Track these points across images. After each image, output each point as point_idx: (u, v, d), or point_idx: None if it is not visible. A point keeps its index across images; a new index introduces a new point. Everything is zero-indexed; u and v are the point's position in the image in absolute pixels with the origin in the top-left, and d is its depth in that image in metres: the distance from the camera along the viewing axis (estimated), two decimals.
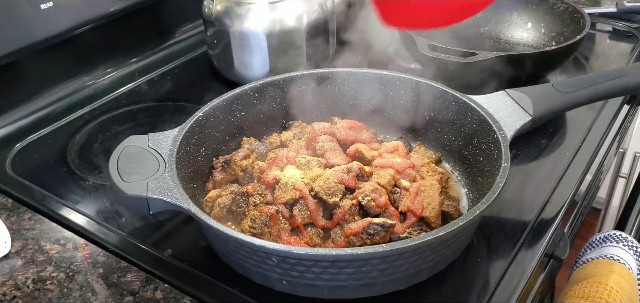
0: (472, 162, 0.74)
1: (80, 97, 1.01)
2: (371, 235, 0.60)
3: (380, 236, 0.60)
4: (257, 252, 0.57)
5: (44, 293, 0.62)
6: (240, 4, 0.96)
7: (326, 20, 1.02)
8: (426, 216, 0.64)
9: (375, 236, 0.60)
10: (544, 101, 0.74)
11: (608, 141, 0.88)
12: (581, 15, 1.01)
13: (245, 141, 0.78)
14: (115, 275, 0.64)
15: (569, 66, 1.07)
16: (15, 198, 0.76)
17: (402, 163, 0.70)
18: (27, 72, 0.94)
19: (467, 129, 0.75)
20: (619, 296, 0.75)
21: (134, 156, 0.65)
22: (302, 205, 0.65)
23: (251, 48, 0.97)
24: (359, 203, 0.64)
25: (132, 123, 0.95)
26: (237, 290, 0.62)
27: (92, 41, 1.02)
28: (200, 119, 0.73)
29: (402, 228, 0.63)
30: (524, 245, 0.67)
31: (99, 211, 0.74)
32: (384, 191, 0.65)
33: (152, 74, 1.09)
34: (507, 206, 0.72)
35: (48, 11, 0.91)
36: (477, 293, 0.61)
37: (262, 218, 0.62)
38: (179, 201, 0.59)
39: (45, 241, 0.69)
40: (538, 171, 0.80)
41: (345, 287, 0.58)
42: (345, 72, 0.83)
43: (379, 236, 0.60)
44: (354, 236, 0.61)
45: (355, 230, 0.61)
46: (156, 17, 1.15)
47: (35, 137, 0.91)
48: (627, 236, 0.87)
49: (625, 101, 0.96)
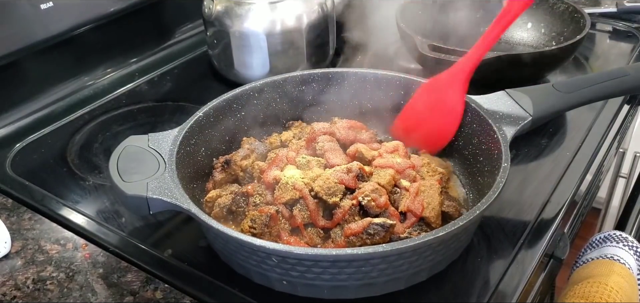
0: (472, 162, 0.74)
1: (80, 97, 1.01)
2: (371, 235, 0.60)
3: (380, 236, 0.60)
4: (257, 252, 0.57)
5: (44, 293, 0.62)
6: (240, 4, 0.96)
7: (326, 20, 1.02)
8: (426, 216, 0.64)
9: (376, 236, 0.60)
10: (544, 101, 0.74)
11: (608, 141, 0.88)
12: (581, 15, 1.01)
13: (245, 141, 0.78)
14: (115, 275, 0.64)
15: (569, 66, 1.07)
16: (15, 198, 0.76)
17: (402, 163, 0.70)
18: (27, 72, 0.94)
19: (467, 129, 0.75)
20: (619, 296, 0.75)
21: (134, 156, 0.65)
22: (302, 205, 0.65)
23: (251, 48, 0.97)
24: (359, 203, 0.64)
25: (132, 123, 0.95)
26: (237, 290, 0.62)
27: (92, 41, 1.02)
28: (200, 119, 0.73)
29: (402, 229, 0.63)
30: (524, 245, 0.67)
31: (99, 211, 0.74)
32: (384, 191, 0.65)
33: (152, 74, 1.09)
34: (507, 206, 0.72)
35: (48, 11, 0.91)
36: (477, 293, 0.61)
37: (262, 218, 0.62)
38: (179, 201, 0.59)
39: (45, 241, 0.69)
40: (538, 171, 0.80)
41: (345, 287, 0.58)
42: (345, 72, 0.83)
43: (379, 236, 0.60)
44: (354, 236, 0.61)
45: (355, 230, 0.61)
46: (156, 17, 1.15)
47: (35, 137, 0.91)
48: (627, 236, 0.87)
49: (625, 101, 0.96)
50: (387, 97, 0.82)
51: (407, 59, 1.02)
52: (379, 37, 1.16)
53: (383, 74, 0.82)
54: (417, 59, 0.97)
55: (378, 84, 0.83)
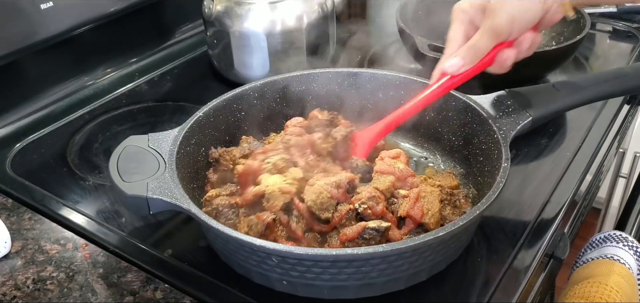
0: (472, 162, 0.74)
1: (80, 97, 1.01)
2: (366, 239, 0.60)
3: (376, 241, 0.59)
4: (257, 252, 0.57)
5: (44, 293, 0.62)
6: (240, 4, 0.96)
7: (326, 20, 1.02)
8: (425, 222, 0.63)
9: (371, 241, 0.59)
10: (544, 101, 0.74)
11: (608, 141, 0.88)
12: (581, 15, 1.01)
13: (244, 139, 0.78)
14: (115, 275, 0.64)
15: (569, 66, 1.07)
16: (15, 198, 0.76)
17: (404, 171, 0.69)
18: (27, 72, 0.95)
19: (467, 129, 0.75)
20: (619, 296, 0.75)
21: (134, 156, 0.65)
22: (297, 216, 0.63)
23: (251, 48, 0.97)
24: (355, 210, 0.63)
25: (132, 123, 0.95)
26: (237, 290, 0.62)
27: (92, 40, 1.02)
28: (200, 119, 0.73)
29: (400, 235, 0.62)
30: (524, 245, 0.67)
31: (99, 211, 0.74)
32: (381, 198, 0.64)
33: (152, 74, 1.09)
34: (507, 206, 0.72)
35: (48, 11, 0.91)
36: (477, 293, 0.61)
37: (258, 227, 0.61)
38: (179, 201, 0.59)
39: (45, 241, 0.69)
40: (538, 171, 0.80)
41: (345, 287, 0.58)
42: (345, 72, 0.83)
43: (374, 241, 0.59)
44: (350, 242, 0.60)
45: (350, 236, 0.60)
46: (156, 17, 1.15)
47: (35, 137, 0.91)
48: (627, 237, 0.87)
49: (625, 101, 0.96)
50: (387, 97, 0.82)
51: (407, 59, 1.02)
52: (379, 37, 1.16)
53: (383, 74, 0.83)
54: (417, 59, 0.97)
55: (378, 84, 0.83)
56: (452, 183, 0.71)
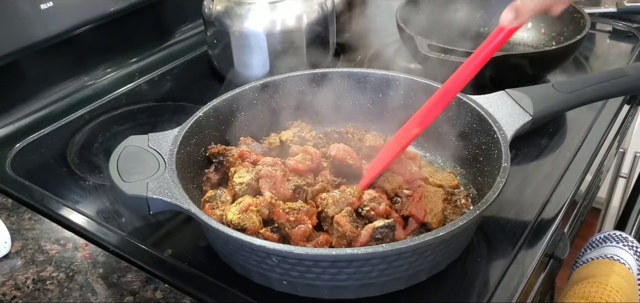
0: (472, 162, 0.74)
1: (80, 97, 1.01)
2: (380, 239, 0.60)
3: (390, 238, 0.59)
4: (257, 252, 0.57)
5: (44, 293, 0.62)
6: (240, 4, 0.96)
7: (326, 20, 1.02)
8: (428, 221, 0.63)
9: (385, 239, 0.59)
10: (544, 101, 0.74)
11: (608, 141, 0.88)
12: (581, 15, 1.01)
13: (242, 140, 0.78)
14: (115, 275, 0.64)
15: (569, 66, 1.07)
16: (15, 198, 0.76)
17: (415, 174, 0.69)
18: (27, 72, 0.95)
19: (467, 129, 0.75)
20: (619, 296, 0.75)
21: (134, 156, 0.65)
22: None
23: (251, 48, 0.97)
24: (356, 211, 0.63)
25: (132, 123, 0.95)
26: (237, 290, 0.62)
27: (92, 40, 1.02)
28: (200, 119, 0.73)
29: (404, 235, 0.62)
30: (524, 245, 0.67)
31: (99, 211, 0.74)
32: (383, 198, 0.65)
33: (152, 74, 1.09)
34: (507, 206, 0.72)
35: (48, 11, 0.91)
36: (477, 293, 0.61)
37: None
38: (179, 201, 0.59)
39: (45, 241, 0.69)
40: (538, 171, 0.80)
41: (345, 287, 0.58)
42: (345, 72, 0.84)
43: (388, 238, 0.59)
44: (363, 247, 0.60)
45: (363, 242, 0.60)
46: (156, 17, 1.15)
47: (35, 137, 0.91)
48: (627, 236, 0.87)
49: (625, 101, 0.96)
50: (387, 98, 0.82)
51: (407, 59, 1.02)
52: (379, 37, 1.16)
53: (383, 74, 0.83)
54: (417, 59, 0.97)
55: (378, 84, 0.83)
56: (452, 183, 0.71)
